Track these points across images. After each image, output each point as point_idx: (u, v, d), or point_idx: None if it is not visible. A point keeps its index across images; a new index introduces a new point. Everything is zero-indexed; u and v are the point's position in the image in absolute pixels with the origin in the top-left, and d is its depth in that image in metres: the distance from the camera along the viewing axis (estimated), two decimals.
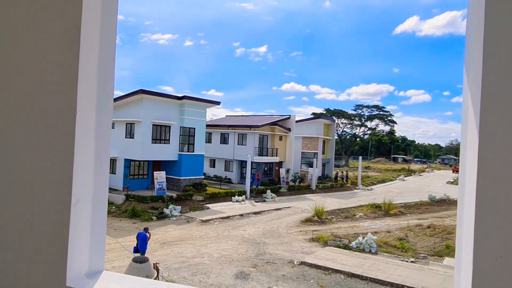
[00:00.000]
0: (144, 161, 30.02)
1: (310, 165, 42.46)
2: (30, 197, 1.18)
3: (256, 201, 30.22)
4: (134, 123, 28.80)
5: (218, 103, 34.35)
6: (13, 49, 1.20)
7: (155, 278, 10.86)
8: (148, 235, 14.42)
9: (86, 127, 1.24)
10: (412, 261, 16.07)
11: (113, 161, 30.28)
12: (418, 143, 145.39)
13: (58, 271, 1.17)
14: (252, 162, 34.11)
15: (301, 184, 40.02)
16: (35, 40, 1.19)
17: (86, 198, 1.26)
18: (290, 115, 43.09)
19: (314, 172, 39.29)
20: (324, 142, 48.61)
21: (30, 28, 1.19)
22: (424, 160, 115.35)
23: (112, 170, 30.29)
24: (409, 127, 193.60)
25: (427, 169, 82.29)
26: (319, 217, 24.24)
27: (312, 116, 64.29)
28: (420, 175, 69.22)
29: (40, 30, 1.18)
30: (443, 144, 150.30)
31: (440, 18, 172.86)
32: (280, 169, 40.47)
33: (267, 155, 39.47)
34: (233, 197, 29.59)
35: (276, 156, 40.55)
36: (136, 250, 14.03)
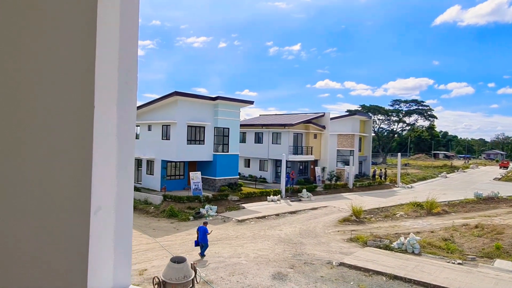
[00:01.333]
0: (180, 162, 30.54)
1: (346, 163, 41.49)
2: (42, 205, 1.04)
3: (291, 201, 29.90)
4: (169, 125, 29.36)
5: (251, 102, 34.31)
6: (19, 37, 1.06)
7: (193, 279, 10.89)
8: (209, 230, 15.74)
9: (106, 124, 1.09)
10: (459, 263, 15.17)
11: (151, 163, 31.09)
12: (461, 138, 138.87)
13: None
14: (287, 161, 33.77)
15: (338, 182, 39.19)
16: (43, 25, 1.04)
17: (108, 205, 1.11)
18: (324, 113, 42.33)
19: (351, 170, 38.36)
20: (360, 139, 47.37)
21: (38, 12, 1.05)
22: (467, 156, 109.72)
23: (150, 171, 31.13)
24: (451, 121, 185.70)
25: (471, 165, 78.16)
26: (357, 216, 23.55)
27: (347, 113, 62.89)
28: (464, 172, 65.86)
29: (50, 14, 1.04)
30: (488, 139, 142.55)
31: (484, 6, 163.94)
32: (316, 167, 39.85)
33: (302, 154, 38.99)
34: (268, 197, 29.43)
35: (311, 154, 39.96)
36: (197, 243, 15.44)
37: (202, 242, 15.33)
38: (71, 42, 1.02)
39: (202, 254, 15.33)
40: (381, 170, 47.30)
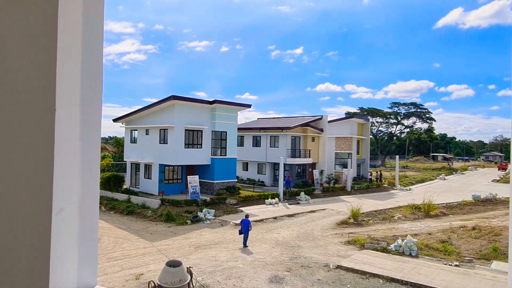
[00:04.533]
0: (178, 165, 30.51)
1: (345, 166, 41.55)
2: (1, 207, 1.05)
3: (289, 204, 29.89)
4: (167, 129, 29.37)
5: (249, 106, 34.35)
6: None
7: (188, 282, 10.87)
8: (250, 223, 17.88)
9: (69, 127, 1.11)
10: (456, 265, 15.17)
11: (148, 167, 31.06)
12: (459, 140, 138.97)
13: None
14: (285, 164, 33.78)
15: (336, 185, 39.21)
16: (1, 27, 1.06)
17: (71, 206, 1.13)
18: (322, 116, 42.41)
19: (349, 173, 38.37)
20: (358, 142, 47.43)
21: None
22: (466, 158, 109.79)
23: (148, 176, 31.08)
24: (451, 123, 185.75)
25: (469, 167, 78.23)
26: (355, 219, 23.55)
27: (345, 115, 62.97)
28: (463, 174, 65.94)
29: (9, 16, 1.06)
30: (486, 141, 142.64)
31: (487, 8, 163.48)
32: (314, 170, 39.85)
33: (299, 157, 39.00)
34: (266, 200, 29.41)
35: (309, 157, 39.99)
36: (241, 232, 17.53)
37: (244, 232, 17.31)
38: (31, 46, 1.04)
39: (245, 245, 17.37)
40: (377, 172, 47.32)
